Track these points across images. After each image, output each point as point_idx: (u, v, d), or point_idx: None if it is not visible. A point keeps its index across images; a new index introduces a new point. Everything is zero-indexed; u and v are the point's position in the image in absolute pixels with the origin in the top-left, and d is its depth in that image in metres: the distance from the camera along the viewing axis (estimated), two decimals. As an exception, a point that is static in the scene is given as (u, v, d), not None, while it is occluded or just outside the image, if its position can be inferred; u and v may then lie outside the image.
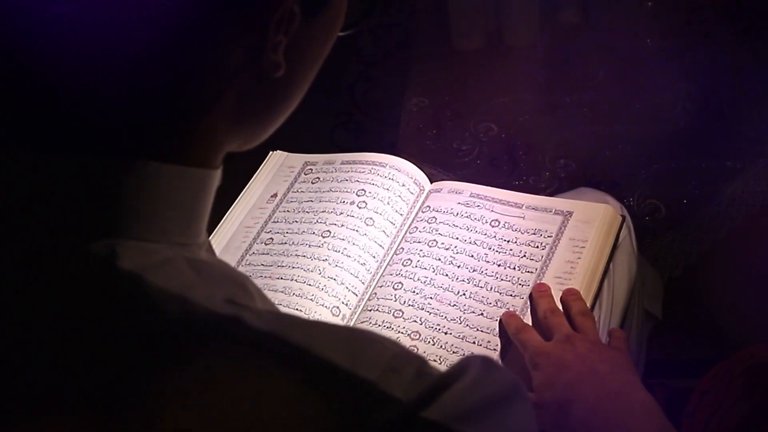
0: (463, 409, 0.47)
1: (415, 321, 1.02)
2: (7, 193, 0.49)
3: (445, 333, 1.01)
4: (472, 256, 1.07)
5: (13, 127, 0.50)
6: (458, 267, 1.06)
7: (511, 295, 1.03)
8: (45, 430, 0.47)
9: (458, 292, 1.04)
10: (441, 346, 1.00)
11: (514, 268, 1.05)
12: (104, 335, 0.47)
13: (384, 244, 1.12)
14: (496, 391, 0.50)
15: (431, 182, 1.20)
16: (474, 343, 0.99)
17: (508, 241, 1.07)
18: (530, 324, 0.99)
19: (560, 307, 0.99)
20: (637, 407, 0.83)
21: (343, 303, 1.06)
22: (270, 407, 0.45)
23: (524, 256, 1.06)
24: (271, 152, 1.30)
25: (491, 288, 1.04)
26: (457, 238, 1.09)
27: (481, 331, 1.00)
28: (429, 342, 1.00)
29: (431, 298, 1.04)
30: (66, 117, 0.49)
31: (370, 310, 1.05)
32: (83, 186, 0.49)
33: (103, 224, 0.50)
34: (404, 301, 1.04)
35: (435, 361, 0.98)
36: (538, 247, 1.06)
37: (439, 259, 1.07)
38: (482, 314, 1.01)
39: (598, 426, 0.82)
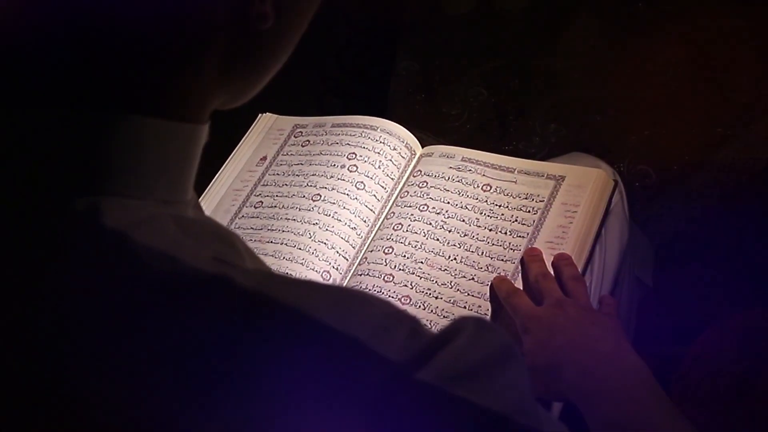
0: (457, 370, 0.47)
1: (406, 285, 1.02)
2: None
3: (436, 298, 1.00)
4: (464, 220, 1.06)
5: None
6: (449, 231, 1.05)
7: (502, 260, 1.02)
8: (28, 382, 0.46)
9: (449, 257, 1.03)
10: (432, 311, 0.99)
11: (506, 233, 1.04)
12: (90, 293, 0.46)
13: (375, 209, 1.11)
14: (489, 352, 0.50)
15: (422, 146, 1.19)
16: (464, 307, 0.99)
17: (500, 206, 1.07)
18: (521, 288, 0.98)
19: (551, 272, 0.98)
20: (628, 371, 0.83)
21: (333, 267, 1.05)
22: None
23: (516, 220, 1.05)
24: (260, 115, 1.28)
25: (482, 253, 1.03)
26: (449, 203, 1.08)
27: (472, 295, 0.99)
28: (420, 306, 1.00)
29: (422, 262, 1.03)
30: (49, 71, 0.48)
31: (361, 275, 1.04)
32: (67, 141, 0.48)
33: (87, 180, 0.48)
34: (395, 266, 1.03)
35: (425, 326, 0.98)
36: (530, 211, 1.05)
37: (430, 224, 1.07)
38: (473, 279, 1.01)
39: (590, 390, 0.82)
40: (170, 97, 0.51)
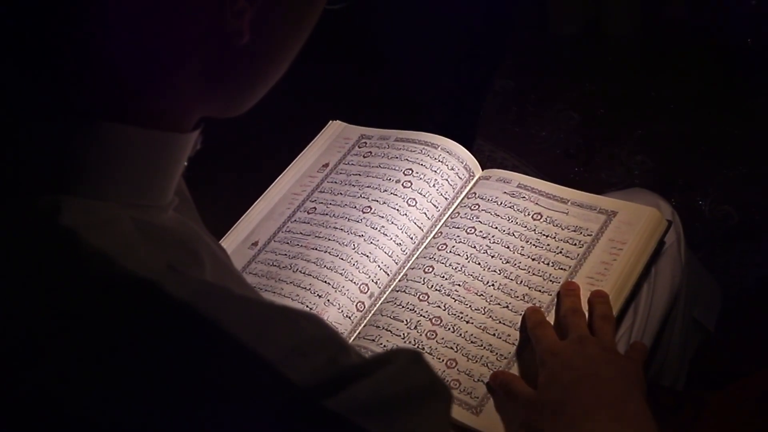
0: (372, 403, 0.46)
1: (439, 306, 1.02)
2: None
3: (467, 322, 1.00)
4: (508, 247, 1.06)
5: None
6: (492, 257, 1.05)
7: (539, 291, 1.01)
8: None
9: (487, 282, 1.03)
10: (460, 335, 0.99)
11: (548, 264, 1.03)
12: (35, 289, 0.48)
13: (424, 226, 1.12)
14: (410, 387, 0.49)
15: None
16: (494, 335, 0.98)
17: (547, 236, 1.06)
18: (553, 321, 0.97)
19: (586, 308, 0.97)
20: (630, 418, 0.81)
21: (372, 281, 1.06)
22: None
23: (560, 252, 1.04)
24: (330, 121, 1.29)
25: (521, 281, 1.02)
26: (496, 228, 1.08)
27: (503, 323, 0.99)
28: (449, 329, 1.00)
29: (459, 285, 1.03)
30: (21, 76, 0.50)
31: (398, 291, 1.05)
32: (36, 143, 0.50)
33: (52, 181, 0.50)
34: (432, 285, 1.04)
35: (452, 348, 0.98)
36: (576, 244, 1.04)
37: (474, 247, 1.06)
38: (507, 307, 1.00)
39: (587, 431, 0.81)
40: (146, 105, 0.52)
